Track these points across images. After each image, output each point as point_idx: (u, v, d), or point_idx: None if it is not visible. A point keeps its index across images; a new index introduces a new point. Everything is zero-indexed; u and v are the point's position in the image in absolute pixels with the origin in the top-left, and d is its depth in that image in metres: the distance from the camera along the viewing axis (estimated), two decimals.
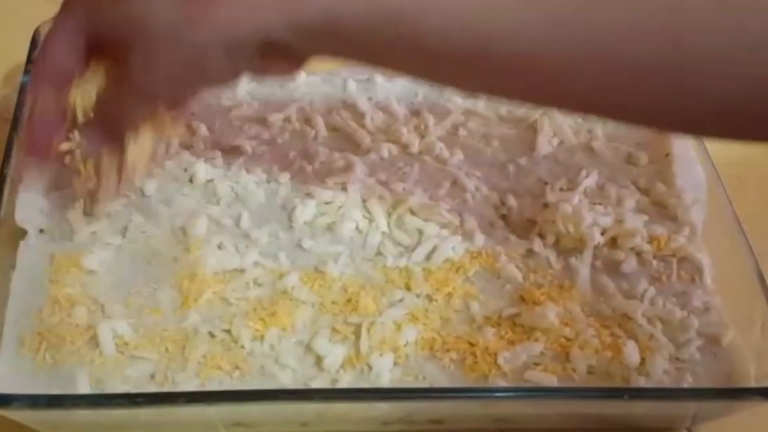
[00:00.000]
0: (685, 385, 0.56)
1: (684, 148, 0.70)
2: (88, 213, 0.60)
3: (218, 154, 0.66)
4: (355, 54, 0.48)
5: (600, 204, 0.65)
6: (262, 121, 0.69)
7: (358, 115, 0.71)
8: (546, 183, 0.68)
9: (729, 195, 0.64)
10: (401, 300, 0.58)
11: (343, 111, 0.71)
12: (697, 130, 0.52)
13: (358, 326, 0.56)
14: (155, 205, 0.62)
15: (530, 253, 0.63)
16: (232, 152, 0.67)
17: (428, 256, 0.61)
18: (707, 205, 0.66)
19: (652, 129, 0.66)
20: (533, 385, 0.55)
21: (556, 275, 0.62)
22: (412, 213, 0.64)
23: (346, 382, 0.54)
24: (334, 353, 0.55)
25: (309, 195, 0.63)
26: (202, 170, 0.64)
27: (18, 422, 0.52)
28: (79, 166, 0.57)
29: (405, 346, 0.56)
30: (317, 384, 0.54)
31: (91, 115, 0.53)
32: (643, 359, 0.57)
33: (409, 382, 0.55)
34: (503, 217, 0.65)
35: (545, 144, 0.71)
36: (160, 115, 0.52)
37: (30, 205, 0.60)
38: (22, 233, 0.59)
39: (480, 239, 0.63)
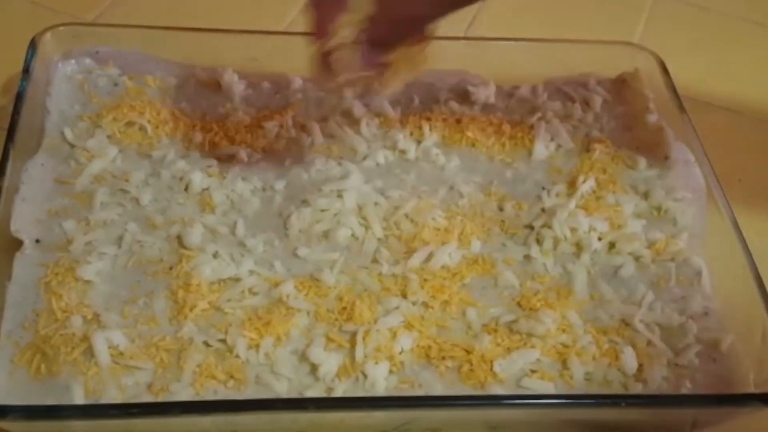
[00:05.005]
0: (684, 392, 0.56)
1: (682, 151, 0.69)
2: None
3: (214, 162, 0.66)
4: None
5: (597, 209, 0.65)
6: (258, 129, 0.69)
7: (354, 122, 0.70)
8: (543, 188, 0.67)
9: (728, 199, 0.64)
10: (397, 307, 0.58)
11: (338, 117, 0.71)
12: None
13: (354, 334, 0.56)
14: (150, 214, 0.62)
15: (527, 259, 0.63)
16: (227, 160, 0.66)
17: (424, 263, 0.61)
18: (706, 209, 0.66)
19: None
20: (530, 392, 0.55)
21: (553, 281, 0.61)
22: (409, 219, 0.63)
23: (341, 390, 0.54)
24: (330, 362, 0.54)
25: (305, 202, 0.63)
26: (198, 179, 0.64)
27: None
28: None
29: (401, 353, 0.56)
30: (312, 393, 0.54)
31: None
32: (641, 365, 0.57)
33: (405, 391, 0.54)
34: (500, 223, 0.65)
35: (542, 149, 0.70)
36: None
37: (25, 215, 0.60)
38: (18, 244, 0.59)
39: (477, 245, 0.63)
